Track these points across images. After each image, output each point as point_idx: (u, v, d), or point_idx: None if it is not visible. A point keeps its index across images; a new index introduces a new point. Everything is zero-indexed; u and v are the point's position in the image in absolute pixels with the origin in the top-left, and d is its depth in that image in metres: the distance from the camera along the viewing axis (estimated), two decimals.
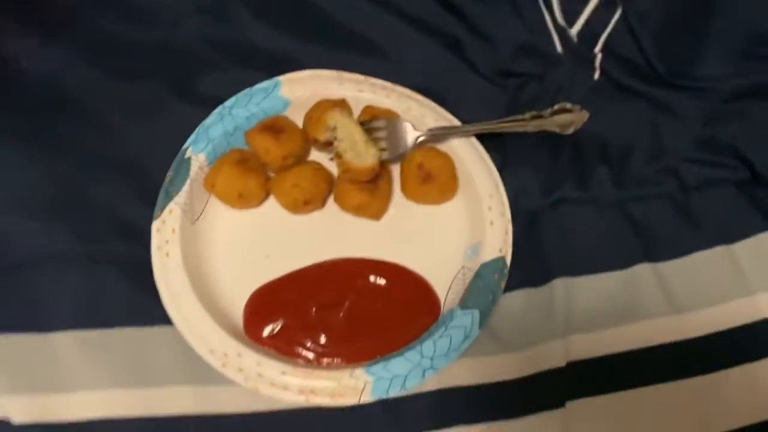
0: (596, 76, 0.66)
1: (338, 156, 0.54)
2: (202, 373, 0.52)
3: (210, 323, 0.52)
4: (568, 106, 0.61)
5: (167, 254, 0.54)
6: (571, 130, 0.61)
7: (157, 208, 0.56)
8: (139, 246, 0.55)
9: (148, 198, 0.57)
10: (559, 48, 0.66)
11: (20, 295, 0.54)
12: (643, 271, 0.58)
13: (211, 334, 0.52)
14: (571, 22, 0.66)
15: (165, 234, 0.55)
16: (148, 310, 0.53)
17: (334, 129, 0.54)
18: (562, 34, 0.66)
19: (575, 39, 0.66)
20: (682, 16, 0.65)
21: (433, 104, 0.62)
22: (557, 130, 0.61)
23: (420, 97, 0.62)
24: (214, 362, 0.51)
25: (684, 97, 0.64)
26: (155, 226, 0.56)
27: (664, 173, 0.62)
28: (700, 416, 0.54)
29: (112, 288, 0.54)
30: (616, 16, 0.66)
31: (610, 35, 0.66)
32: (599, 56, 0.66)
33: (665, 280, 0.57)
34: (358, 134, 0.54)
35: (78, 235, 0.56)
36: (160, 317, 0.53)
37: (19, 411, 0.50)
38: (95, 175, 0.59)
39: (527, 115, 0.60)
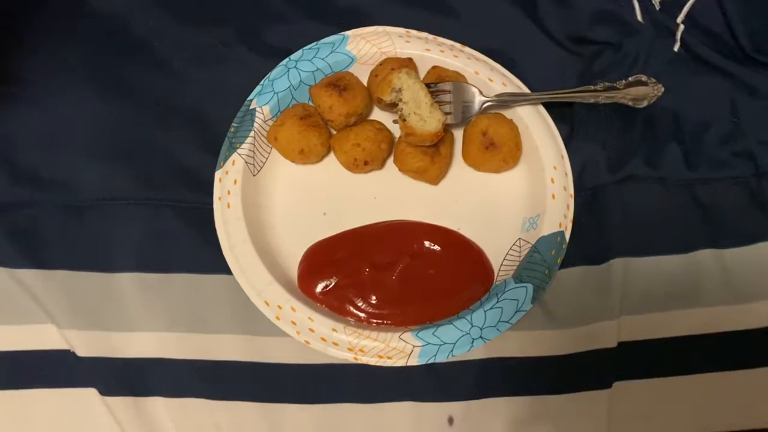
0: (676, 47, 0.62)
1: (402, 119, 0.53)
2: (256, 323, 0.53)
3: (266, 276, 0.53)
4: (644, 78, 0.59)
5: (228, 205, 0.55)
6: (644, 104, 0.59)
7: (220, 158, 0.57)
8: (201, 194, 0.57)
9: (212, 146, 0.58)
10: (639, 16, 0.62)
11: (87, 234, 0.56)
12: (705, 256, 0.56)
13: (266, 286, 0.53)
14: None
15: (227, 185, 0.56)
16: (208, 258, 0.55)
17: (399, 91, 0.53)
18: (644, 1, 0.63)
19: (657, 7, 0.63)
20: None
21: (501, 68, 0.60)
22: (630, 103, 0.59)
23: (489, 60, 0.60)
24: (269, 314, 0.53)
25: None
26: (218, 175, 0.56)
27: (738, 156, 0.59)
28: (747, 408, 0.53)
29: (174, 234, 0.56)
30: None
31: (695, 4, 0.63)
32: (681, 27, 0.62)
33: (728, 267, 0.55)
34: (423, 97, 0.53)
35: (142, 180, 0.57)
36: (219, 266, 0.54)
37: (81, 345, 0.53)
38: (160, 120, 0.60)
39: (600, 86, 0.58)
